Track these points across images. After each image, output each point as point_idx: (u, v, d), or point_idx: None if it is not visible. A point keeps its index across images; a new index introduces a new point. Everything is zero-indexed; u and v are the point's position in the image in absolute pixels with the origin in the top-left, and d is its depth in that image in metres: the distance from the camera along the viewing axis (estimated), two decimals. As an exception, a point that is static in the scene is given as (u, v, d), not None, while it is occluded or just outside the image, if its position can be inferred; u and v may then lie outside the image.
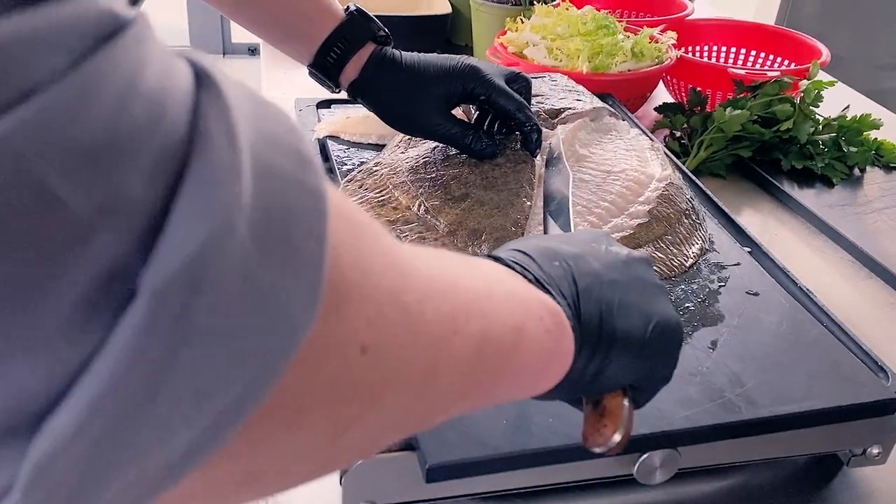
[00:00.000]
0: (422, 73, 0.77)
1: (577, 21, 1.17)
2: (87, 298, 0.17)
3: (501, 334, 0.34)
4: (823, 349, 0.61)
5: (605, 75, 1.11)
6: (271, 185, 0.20)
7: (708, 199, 0.86)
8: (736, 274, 0.70)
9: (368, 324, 0.24)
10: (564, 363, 0.39)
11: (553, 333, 0.37)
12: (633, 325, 0.41)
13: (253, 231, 0.19)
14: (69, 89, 0.16)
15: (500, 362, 0.34)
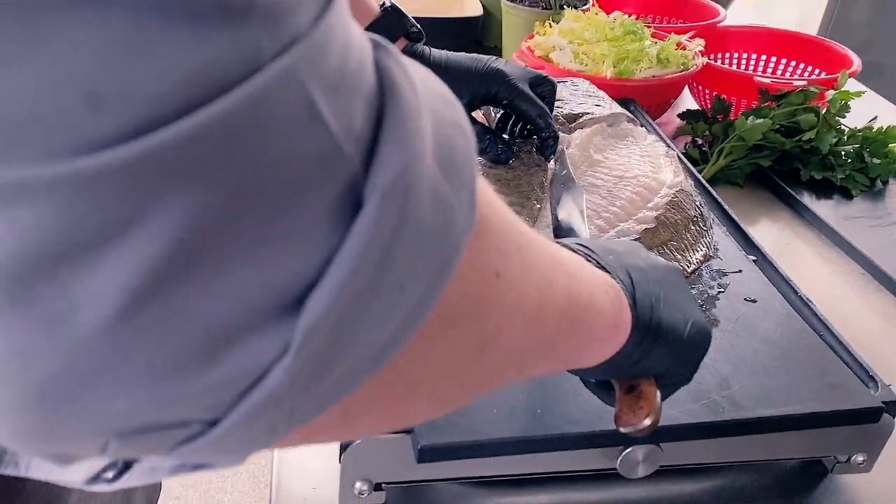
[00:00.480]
0: (447, 72, 0.79)
1: (605, 26, 1.19)
2: (337, 201, 0.20)
3: (579, 294, 0.37)
4: (814, 357, 0.63)
5: (629, 81, 1.13)
6: (440, 123, 0.24)
7: (719, 207, 0.87)
8: (736, 281, 0.72)
9: (501, 254, 0.29)
10: (621, 338, 0.42)
11: (616, 306, 0.41)
12: (676, 320, 0.45)
13: (434, 155, 0.23)
14: (319, 35, 0.20)
15: (578, 321, 0.38)
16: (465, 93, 0.78)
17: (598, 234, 0.74)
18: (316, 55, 0.20)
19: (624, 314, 0.42)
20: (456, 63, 0.80)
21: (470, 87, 0.78)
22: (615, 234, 0.73)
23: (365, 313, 0.22)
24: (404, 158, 0.21)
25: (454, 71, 0.79)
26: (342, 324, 0.21)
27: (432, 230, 0.23)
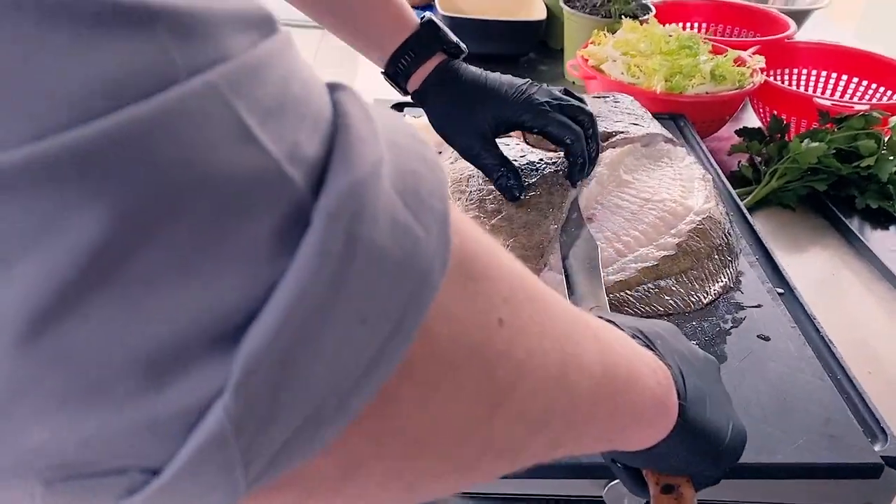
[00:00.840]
0: (478, 92, 0.77)
1: (661, 39, 1.16)
2: (281, 226, 0.19)
3: (616, 364, 0.35)
4: (821, 402, 0.61)
5: (680, 97, 1.10)
6: (402, 154, 0.23)
7: (754, 235, 0.85)
8: (753, 316, 0.70)
9: (503, 300, 0.27)
10: (668, 424, 0.40)
11: (664, 387, 0.39)
12: (720, 422, 0.44)
13: (393, 183, 0.22)
14: (253, 59, 0.20)
15: (619, 394, 0.35)
16: (491, 117, 0.76)
17: (615, 258, 0.73)
18: (246, 78, 0.20)
19: (672, 398, 0.40)
20: (489, 84, 0.78)
21: (496, 112, 0.76)
22: (633, 259, 0.73)
23: (318, 348, 0.20)
24: (352, 180, 0.21)
25: (484, 93, 0.77)
26: (290, 360, 0.20)
27: (392, 258, 0.21)
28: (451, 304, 0.24)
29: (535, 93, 0.77)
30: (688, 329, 0.68)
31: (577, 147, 0.76)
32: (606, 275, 0.71)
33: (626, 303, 0.69)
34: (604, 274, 0.71)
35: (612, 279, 0.71)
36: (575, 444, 0.35)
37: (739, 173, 1.13)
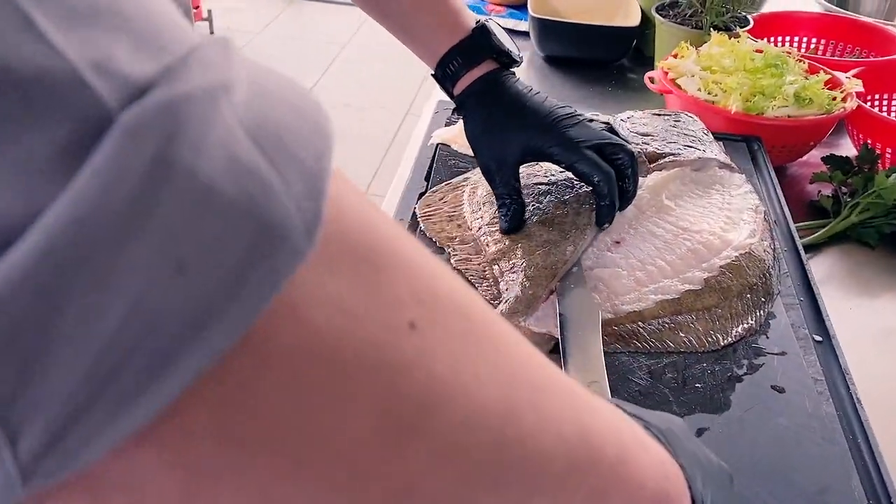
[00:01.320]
0: (514, 114, 0.74)
1: (745, 56, 1.10)
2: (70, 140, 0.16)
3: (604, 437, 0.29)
4: (823, 468, 0.57)
5: (756, 118, 1.04)
6: (266, 97, 0.20)
7: (803, 277, 0.80)
8: (772, 364, 0.66)
9: (418, 301, 0.22)
10: None
11: (674, 486, 0.35)
12: None
13: (242, 117, 0.18)
14: None
15: (601, 475, 0.29)
16: (522, 142, 0.73)
17: (634, 287, 0.71)
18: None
19: (684, 501, 0.35)
20: (530, 106, 0.74)
21: (525, 139, 0.73)
22: (653, 290, 0.70)
23: (106, 290, 0.16)
24: (171, 96, 0.17)
25: (523, 114, 0.74)
26: (58, 297, 0.16)
27: (226, 196, 0.17)
28: (344, 292, 0.20)
29: (573, 125, 0.73)
30: (696, 370, 0.65)
31: (603, 188, 0.71)
32: (620, 304, 0.69)
33: (635, 335, 0.67)
34: (617, 302, 0.69)
35: (626, 308, 0.68)
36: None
37: (818, 203, 1.05)
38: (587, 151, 0.72)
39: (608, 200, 0.72)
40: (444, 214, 0.81)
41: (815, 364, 0.68)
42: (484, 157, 0.76)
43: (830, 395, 0.65)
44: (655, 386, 0.63)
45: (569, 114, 0.74)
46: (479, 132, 0.77)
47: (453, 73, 0.77)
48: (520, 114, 0.74)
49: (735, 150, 0.99)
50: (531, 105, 0.74)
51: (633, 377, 0.64)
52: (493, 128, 0.75)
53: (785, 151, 1.08)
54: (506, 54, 0.77)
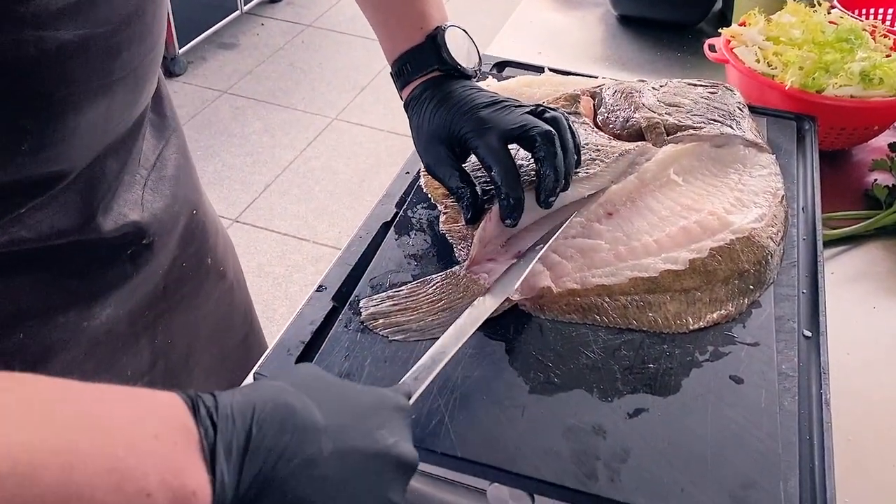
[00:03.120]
0: (441, 108, 0.71)
1: (817, 28, 1.03)
2: None
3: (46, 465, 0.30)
4: (755, 463, 0.55)
5: (813, 96, 0.97)
6: None
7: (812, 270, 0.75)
8: (738, 354, 0.64)
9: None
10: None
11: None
12: None
13: None
14: None
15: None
16: (444, 133, 0.70)
17: (611, 261, 0.69)
18: None
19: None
20: (454, 98, 0.71)
21: (447, 127, 0.70)
22: (629, 266, 0.69)
23: None
24: None
25: (446, 105, 0.71)
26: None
27: None
28: None
29: (489, 110, 0.69)
30: (655, 351, 0.63)
31: (496, 178, 0.67)
32: (590, 276, 0.68)
33: (596, 308, 0.66)
34: (588, 274, 0.68)
35: (594, 281, 0.67)
36: None
37: (871, 193, 0.98)
38: (491, 138, 0.67)
39: (503, 194, 0.67)
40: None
41: (793, 359, 0.65)
42: (423, 157, 0.74)
43: (799, 392, 0.62)
44: (605, 361, 0.62)
45: (490, 101, 0.70)
46: (416, 134, 0.74)
47: (404, 76, 0.75)
48: (445, 107, 0.71)
49: (782, 129, 0.94)
50: (457, 97, 0.71)
51: (585, 350, 0.63)
52: (425, 125, 0.72)
53: (844, 135, 1.01)
54: (453, 67, 0.73)
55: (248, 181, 2.77)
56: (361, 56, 3.52)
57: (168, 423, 0.35)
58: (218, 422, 0.36)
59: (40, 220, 0.57)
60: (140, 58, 0.58)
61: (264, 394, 0.39)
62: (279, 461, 0.36)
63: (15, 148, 0.51)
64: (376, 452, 0.41)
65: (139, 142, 0.67)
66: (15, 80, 0.48)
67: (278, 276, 2.40)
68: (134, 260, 0.67)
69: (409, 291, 0.67)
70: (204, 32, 3.35)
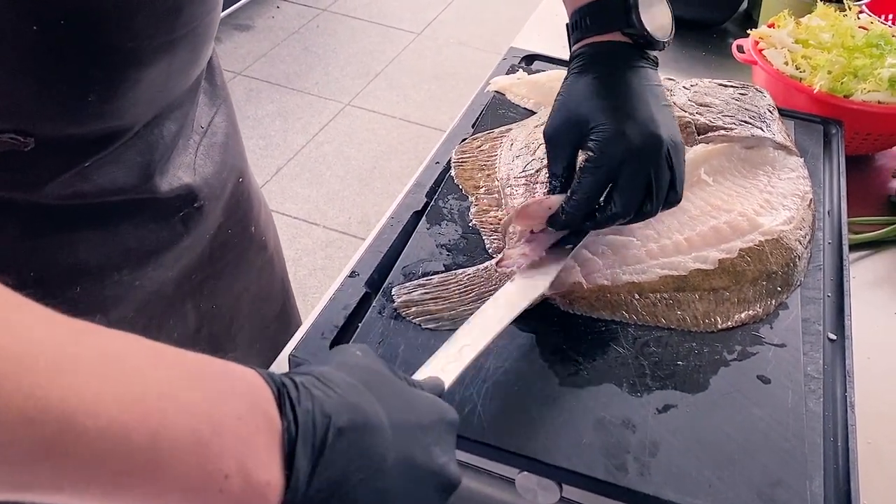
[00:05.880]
0: (599, 92, 0.63)
1: (847, 32, 1.03)
2: None
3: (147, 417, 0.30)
4: (783, 462, 0.56)
5: (841, 101, 0.98)
6: None
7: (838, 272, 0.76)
8: (766, 355, 0.64)
9: None
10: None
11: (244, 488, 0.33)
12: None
13: None
14: None
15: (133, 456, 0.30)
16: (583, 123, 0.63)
17: (643, 258, 0.70)
18: None
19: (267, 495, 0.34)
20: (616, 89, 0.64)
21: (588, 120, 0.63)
22: (660, 265, 0.69)
23: None
24: None
25: (605, 93, 0.64)
26: None
27: None
28: None
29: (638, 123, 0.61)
30: (683, 349, 0.64)
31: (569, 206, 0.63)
32: (621, 273, 0.69)
33: (626, 305, 0.67)
34: (619, 271, 0.69)
35: (625, 278, 0.68)
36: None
37: (894, 199, 0.99)
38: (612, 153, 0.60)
39: (564, 217, 0.63)
40: (478, 163, 0.82)
41: (818, 361, 0.65)
42: (547, 125, 0.67)
43: (824, 394, 0.63)
44: (635, 357, 0.63)
45: (649, 113, 0.61)
46: (560, 97, 0.67)
47: (580, 30, 0.67)
48: (602, 94, 0.63)
49: (809, 132, 0.94)
50: (620, 89, 0.63)
51: (614, 344, 0.64)
52: (572, 97, 0.65)
53: (870, 140, 1.01)
54: (640, 35, 0.64)
55: (260, 164, 2.78)
56: (376, 42, 3.51)
57: (252, 406, 0.35)
58: (299, 416, 0.36)
59: (102, 175, 0.59)
60: (200, 17, 0.59)
61: (343, 394, 0.39)
62: (351, 468, 0.36)
63: (82, 98, 0.53)
64: (432, 470, 0.41)
65: (194, 107, 0.69)
66: (86, 31, 0.50)
67: (287, 260, 2.39)
68: (185, 222, 0.69)
69: (441, 281, 0.68)
70: (220, 13, 3.35)
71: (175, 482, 0.31)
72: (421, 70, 3.34)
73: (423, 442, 0.41)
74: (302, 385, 0.38)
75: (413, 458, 0.40)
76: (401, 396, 0.43)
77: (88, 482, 0.29)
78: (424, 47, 3.51)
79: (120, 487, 0.30)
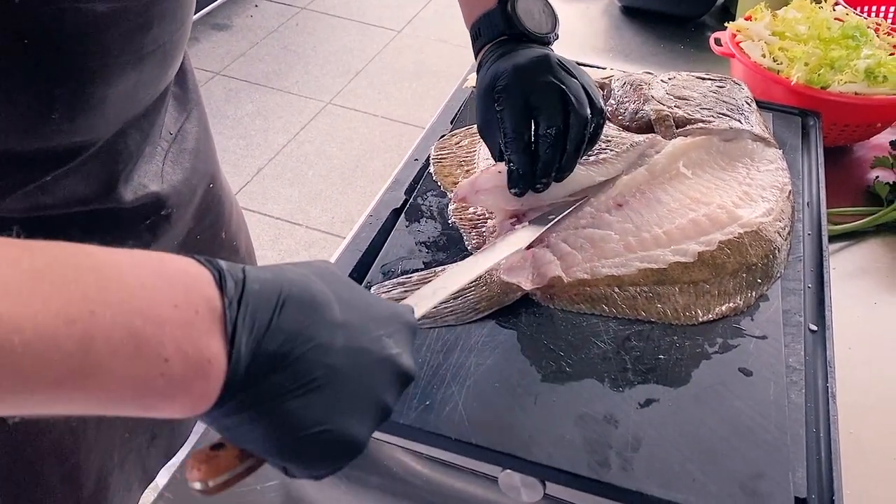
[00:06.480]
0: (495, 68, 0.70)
1: (823, 24, 1.03)
2: None
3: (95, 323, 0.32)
4: (765, 454, 0.56)
5: (818, 92, 0.98)
6: None
7: (818, 263, 0.76)
8: (747, 348, 0.64)
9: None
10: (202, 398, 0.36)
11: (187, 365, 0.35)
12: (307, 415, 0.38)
13: None
14: None
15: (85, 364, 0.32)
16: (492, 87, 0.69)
17: (621, 252, 0.70)
18: None
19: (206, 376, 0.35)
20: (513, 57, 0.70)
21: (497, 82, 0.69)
22: (639, 258, 0.69)
23: None
24: None
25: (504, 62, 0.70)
26: None
27: None
28: None
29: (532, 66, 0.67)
30: (665, 343, 0.64)
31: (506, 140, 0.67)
32: (600, 266, 0.68)
33: (606, 299, 0.66)
34: (598, 265, 0.68)
35: (605, 272, 0.68)
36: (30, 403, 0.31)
37: (873, 190, 0.99)
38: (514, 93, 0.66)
39: (513, 165, 0.67)
40: (457, 159, 0.82)
41: (800, 353, 0.65)
42: (477, 119, 0.73)
43: (805, 385, 0.63)
44: (616, 352, 0.63)
45: (536, 57, 0.68)
46: (478, 95, 0.72)
47: (479, 41, 0.75)
48: (498, 63, 0.70)
49: (787, 124, 0.94)
50: (511, 55, 0.70)
51: (595, 339, 0.64)
52: (484, 87, 0.70)
53: (847, 131, 1.02)
54: (521, 32, 0.72)
55: (241, 164, 2.76)
56: (356, 40, 3.50)
57: (190, 292, 0.35)
58: (244, 296, 0.37)
59: (64, 188, 0.58)
60: (170, 34, 0.58)
61: (292, 277, 0.40)
62: (296, 343, 0.37)
63: (46, 115, 0.51)
64: (381, 357, 0.42)
65: (162, 114, 0.68)
66: (52, 50, 0.49)
67: (270, 261, 2.39)
68: (153, 230, 0.67)
69: (421, 279, 0.67)
70: (197, 13, 3.32)
71: (116, 378, 0.32)
72: (402, 68, 3.33)
73: (375, 332, 0.43)
74: (249, 269, 0.39)
75: (362, 343, 0.41)
76: (354, 289, 0.44)
77: (30, 393, 0.30)
78: (405, 45, 3.49)
79: (62, 392, 0.31)
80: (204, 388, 0.35)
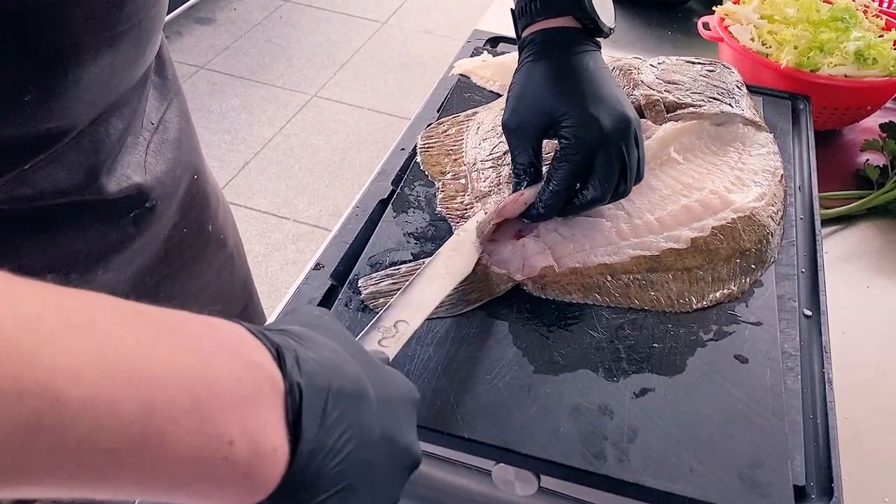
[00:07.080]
0: (558, 79, 0.64)
1: (812, 6, 1.02)
2: None
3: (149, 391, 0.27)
4: (763, 442, 0.55)
5: (808, 75, 0.97)
6: None
7: (811, 248, 0.75)
8: (743, 334, 0.63)
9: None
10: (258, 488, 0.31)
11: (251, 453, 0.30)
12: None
13: None
14: None
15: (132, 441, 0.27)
16: (545, 110, 0.65)
17: (614, 240, 0.69)
18: None
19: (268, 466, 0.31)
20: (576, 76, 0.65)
21: (552, 108, 0.65)
22: (631, 245, 0.68)
23: None
24: None
25: (565, 80, 0.65)
26: None
27: None
28: None
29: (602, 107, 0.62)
30: (659, 331, 0.63)
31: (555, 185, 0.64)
32: (592, 255, 0.67)
33: (598, 288, 0.65)
34: (590, 254, 0.67)
35: (596, 260, 0.66)
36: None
37: (863, 173, 0.98)
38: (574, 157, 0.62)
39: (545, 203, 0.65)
40: (444, 148, 0.80)
41: (795, 338, 0.64)
42: (507, 115, 0.67)
43: (801, 371, 0.62)
44: (610, 341, 0.61)
45: (605, 95, 0.63)
46: (518, 85, 0.67)
47: (529, 15, 0.67)
48: (563, 80, 0.63)
49: (778, 108, 0.93)
50: (582, 74, 0.64)
51: (589, 329, 0.62)
52: (531, 85, 0.65)
53: (837, 114, 1.01)
54: (591, 18, 0.66)
55: (227, 158, 2.73)
56: (341, 32, 3.47)
57: (250, 367, 0.31)
58: (302, 379, 0.33)
59: (43, 178, 0.56)
60: (145, 11, 0.56)
61: (330, 356, 0.36)
62: (345, 438, 0.34)
63: (18, 98, 0.49)
64: (403, 447, 0.40)
65: (143, 103, 0.66)
66: (18, 29, 0.47)
67: (258, 255, 2.37)
68: (137, 223, 0.66)
69: (409, 270, 0.66)
70: (180, 7, 3.28)
71: (175, 453, 0.27)
72: (387, 59, 3.31)
73: (399, 418, 0.40)
74: (298, 348, 0.35)
75: (392, 433, 0.39)
76: (376, 369, 0.42)
77: (79, 462, 0.25)
78: (390, 36, 3.47)
79: (116, 466, 0.26)
80: (263, 480, 0.31)
